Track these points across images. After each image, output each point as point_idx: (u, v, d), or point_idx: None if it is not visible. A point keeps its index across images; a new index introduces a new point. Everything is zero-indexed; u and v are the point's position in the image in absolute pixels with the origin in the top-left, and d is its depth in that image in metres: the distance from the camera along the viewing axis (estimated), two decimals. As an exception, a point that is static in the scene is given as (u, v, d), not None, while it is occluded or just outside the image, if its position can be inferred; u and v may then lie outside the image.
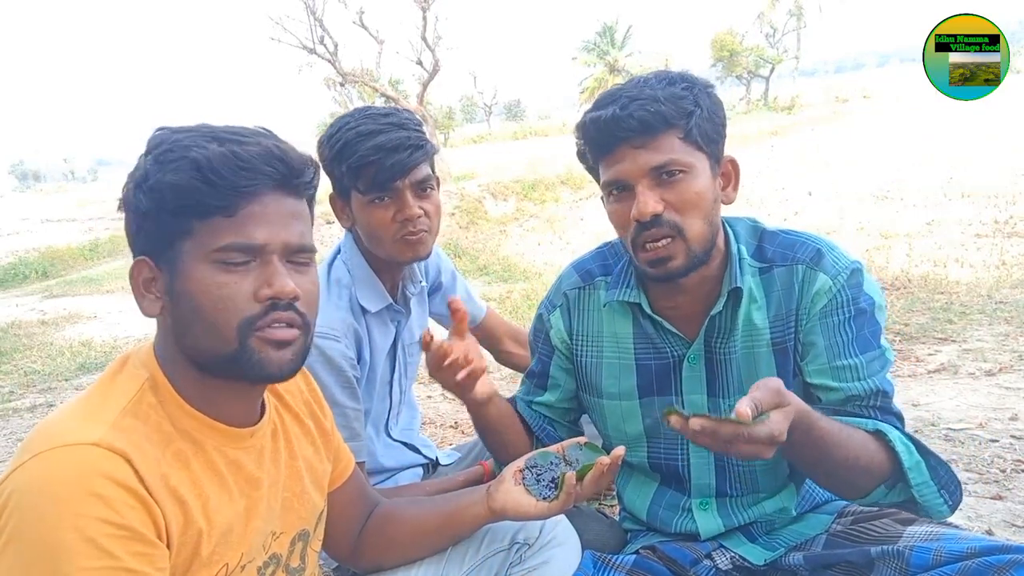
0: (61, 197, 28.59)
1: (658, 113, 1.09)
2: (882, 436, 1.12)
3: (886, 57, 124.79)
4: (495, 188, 13.65)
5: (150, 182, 0.82)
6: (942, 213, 8.42)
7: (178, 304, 0.84)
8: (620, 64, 38.13)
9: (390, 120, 1.42)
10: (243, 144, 0.83)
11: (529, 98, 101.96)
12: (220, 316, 0.83)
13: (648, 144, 1.11)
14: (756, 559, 1.25)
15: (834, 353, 1.17)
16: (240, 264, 0.83)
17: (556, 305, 1.38)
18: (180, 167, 0.81)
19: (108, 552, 0.73)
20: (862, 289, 1.18)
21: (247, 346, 0.84)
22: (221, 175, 0.81)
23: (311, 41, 17.55)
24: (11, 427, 3.80)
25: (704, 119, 1.13)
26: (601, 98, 1.16)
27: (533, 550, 1.16)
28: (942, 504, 1.13)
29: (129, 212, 0.86)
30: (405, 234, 1.44)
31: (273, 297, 0.84)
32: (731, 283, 1.20)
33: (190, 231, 0.83)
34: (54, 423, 0.81)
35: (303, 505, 1.02)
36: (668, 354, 1.28)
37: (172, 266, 0.84)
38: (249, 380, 0.88)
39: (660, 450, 1.33)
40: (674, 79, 1.15)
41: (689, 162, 1.12)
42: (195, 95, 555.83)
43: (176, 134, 0.85)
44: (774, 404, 0.92)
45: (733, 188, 1.22)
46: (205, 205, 0.81)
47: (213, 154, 0.80)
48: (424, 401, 3.65)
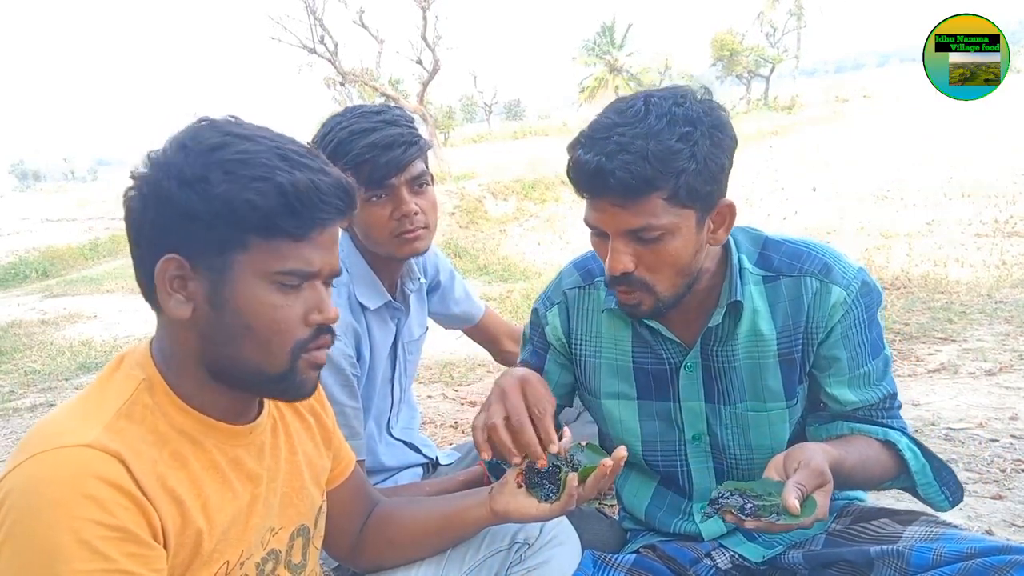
0: (61, 197, 28.57)
1: (641, 177, 1.01)
2: (892, 446, 1.19)
3: (886, 57, 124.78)
4: (495, 188, 13.65)
5: (217, 191, 0.79)
6: (942, 213, 8.42)
7: (222, 314, 0.83)
8: (620, 64, 38.13)
9: (382, 118, 1.42)
10: (320, 173, 0.83)
11: (529, 98, 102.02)
12: (275, 337, 0.84)
13: (627, 205, 1.04)
14: (755, 557, 1.26)
15: (854, 364, 1.20)
16: (294, 287, 0.85)
17: (555, 303, 1.37)
18: (264, 189, 0.79)
19: (102, 554, 0.73)
20: (872, 296, 1.20)
21: (295, 367, 0.87)
22: (304, 204, 0.81)
23: (311, 41, 17.58)
24: (11, 427, 3.80)
25: (695, 175, 1.03)
26: (596, 128, 1.06)
27: (533, 550, 1.16)
28: (943, 500, 1.21)
29: (162, 205, 0.81)
30: (403, 231, 1.44)
31: (323, 323, 0.87)
32: (731, 295, 1.19)
33: (247, 245, 0.81)
34: (50, 424, 0.81)
35: (302, 500, 1.02)
36: (665, 360, 1.27)
37: (219, 274, 0.82)
38: (286, 399, 0.92)
39: (658, 456, 1.32)
40: (675, 119, 1.03)
41: (670, 223, 1.06)
42: (195, 95, 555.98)
43: (242, 142, 0.81)
44: (817, 486, 0.98)
45: (725, 230, 1.15)
46: (278, 227, 0.81)
47: (299, 182, 0.80)
48: (424, 401, 3.65)
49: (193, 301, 0.83)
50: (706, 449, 1.29)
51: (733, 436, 1.26)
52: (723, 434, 1.27)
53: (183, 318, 0.83)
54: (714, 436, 1.27)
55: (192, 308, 0.83)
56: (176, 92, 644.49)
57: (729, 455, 1.28)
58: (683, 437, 1.29)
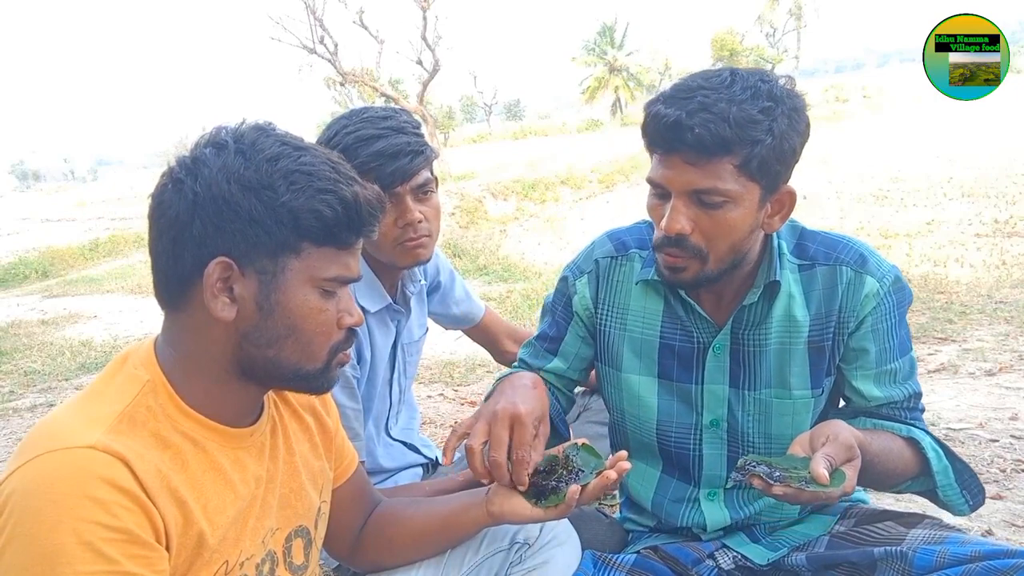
0: (61, 197, 28.58)
1: (719, 136, 1.02)
2: (915, 443, 1.18)
3: (886, 57, 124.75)
4: (495, 188, 13.66)
5: (283, 199, 0.82)
6: (942, 213, 8.43)
7: (270, 316, 0.85)
8: (620, 64, 38.14)
9: (389, 124, 1.42)
10: (363, 187, 0.89)
11: (529, 98, 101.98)
12: (318, 338, 0.89)
13: (699, 164, 1.05)
14: (759, 559, 1.25)
15: (882, 359, 1.20)
16: (333, 293, 0.90)
17: (585, 271, 1.35)
18: (332, 202, 0.84)
19: (105, 556, 0.73)
20: (904, 293, 1.21)
21: (330, 366, 0.93)
22: (362, 217, 0.87)
23: (311, 41, 17.59)
24: (11, 427, 3.80)
25: (770, 149, 1.05)
26: (679, 88, 1.08)
27: (533, 550, 1.16)
28: (963, 504, 1.20)
29: (219, 207, 0.81)
30: (406, 240, 1.44)
31: (353, 325, 0.93)
32: (770, 276, 1.19)
33: (299, 251, 0.85)
34: (52, 425, 0.81)
35: (300, 501, 1.02)
36: (695, 339, 1.26)
37: (270, 277, 0.84)
38: (315, 392, 0.96)
39: (671, 438, 1.31)
40: (759, 92, 1.04)
41: (735, 192, 1.06)
42: (195, 95, 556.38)
43: (300, 152, 0.85)
44: (846, 459, 0.99)
45: (781, 218, 1.16)
46: (334, 236, 0.86)
47: (359, 196, 0.86)
48: (424, 401, 3.65)
49: (239, 303, 0.84)
50: (722, 436, 1.28)
51: (754, 423, 1.25)
52: (744, 420, 1.25)
53: (227, 319, 0.84)
54: (734, 422, 1.26)
55: (236, 310, 0.84)
56: (176, 92, 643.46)
57: (747, 443, 1.26)
58: (700, 421, 1.28)
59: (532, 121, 50.32)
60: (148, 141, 44.98)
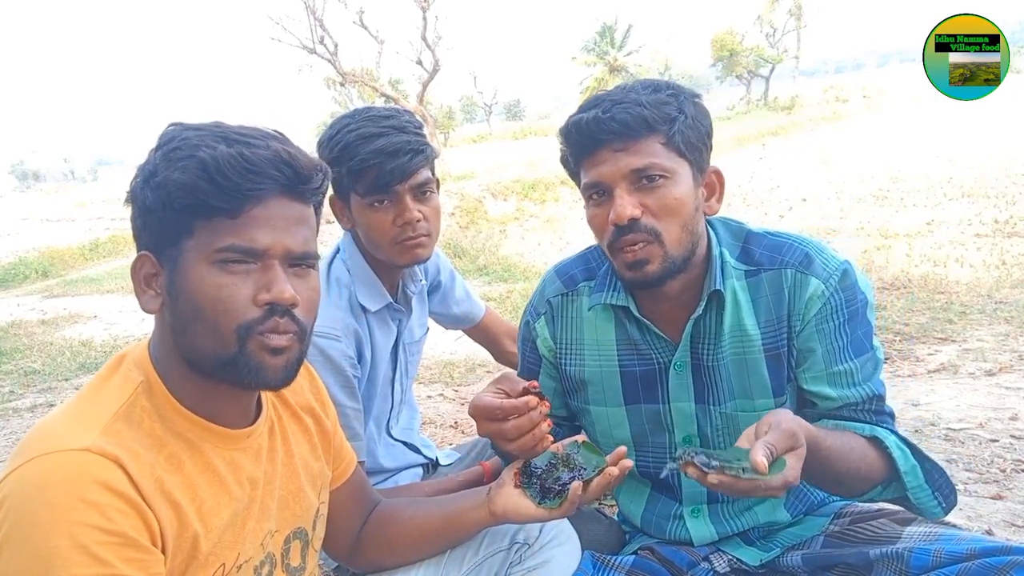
0: (61, 197, 28.58)
1: (640, 117, 1.08)
2: (878, 442, 1.14)
3: (886, 57, 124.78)
4: (495, 188, 13.65)
5: (157, 179, 0.82)
6: (942, 213, 8.42)
7: (177, 302, 0.84)
8: (620, 64, 38.14)
9: (391, 123, 1.42)
10: (252, 146, 0.82)
11: (529, 98, 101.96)
12: (220, 318, 0.82)
13: (629, 147, 1.10)
14: (752, 560, 1.25)
15: (831, 359, 1.17)
16: (240, 266, 0.83)
17: (540, 313, 1.35)
18: (187, 166, 0.80)
19: (101, 559, 0.73)
20: (854, 290, 1.17)
21: (245, 350, 0.83)
22: (226, 176, 0.80)
23: (311, 41, 17.58)
24: (11, 427, 3.80)
25: (688, 126, 1.12)
26: (585, 103, 1.16)
27: (533, 550, 1.16)
28: (936, 506, 1.16)
29: (135, 206, 0.86)
30: (404, 238, 1.44)
31: (271, 302, 0.83)
32: (711, 286, 1.18)
33: (192, 230, 0.83)
34: (48, 427, 0.80)
35: (299, 503, 1.02)
36: (653, 360, 1.25)
37: (174, 263, 0.84)
38: (243, 386, 0.87)
39: (648, 459, 1.31)
40: (659, 86, 1.14)
41: (670, 167, 1.10)
42: (195, 95, 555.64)
43: (187, 131, 0.84)
44: (788, 448, 0.93)
45: (717, 199, 1.20)
46: (209, 205, 0.81)
47: (220, 155, 0.80)
48: (424, 401, 3.65)
49: (161, 295, 0.86)
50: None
51: (724, 437, 1.24)
52: (713, 436, 1.25)
53: (153, 312, 0.87)
54: (704, 438, 1.26)
55: (160, 302, 0.86)
56: (176, 92, 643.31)
57: None
58: (673, 439, 1.28)
59: (532, 121, 50.33)
60: (148, 141, 45.44)
